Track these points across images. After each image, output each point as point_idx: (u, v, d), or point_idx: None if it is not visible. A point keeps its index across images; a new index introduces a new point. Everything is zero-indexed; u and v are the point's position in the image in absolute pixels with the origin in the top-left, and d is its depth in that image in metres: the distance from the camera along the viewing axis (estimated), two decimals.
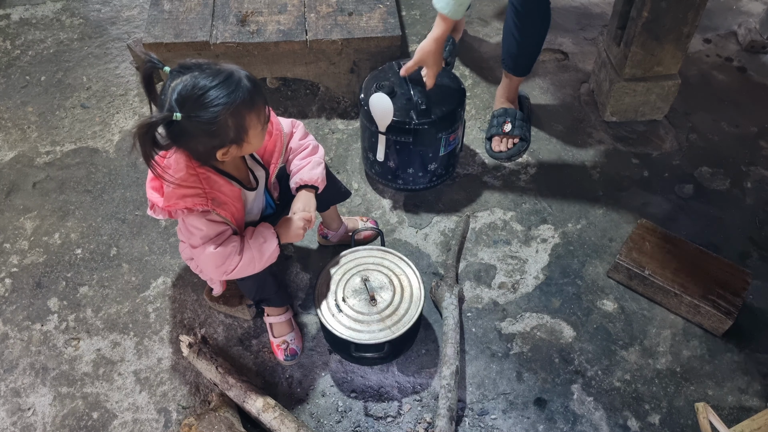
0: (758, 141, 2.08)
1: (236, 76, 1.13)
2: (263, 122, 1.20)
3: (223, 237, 1.27)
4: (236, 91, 1.12)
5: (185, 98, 1.10)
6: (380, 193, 1.94)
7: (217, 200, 1.23)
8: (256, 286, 1.46)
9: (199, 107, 1.10)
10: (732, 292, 1.59)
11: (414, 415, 1.49)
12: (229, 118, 1.12)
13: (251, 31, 1.94)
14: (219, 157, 1.18)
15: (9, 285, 1.74)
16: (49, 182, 1.98)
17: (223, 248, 1.25)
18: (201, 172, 1.23)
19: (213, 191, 1.23)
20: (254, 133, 1.19)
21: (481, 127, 2.11)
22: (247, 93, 1.13)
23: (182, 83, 1.10)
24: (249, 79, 1.15)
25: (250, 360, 1.59)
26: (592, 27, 2.47)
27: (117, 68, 2.33)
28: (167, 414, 1.50)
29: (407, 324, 1.44)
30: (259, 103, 1.17)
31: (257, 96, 1.16)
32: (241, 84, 1.13)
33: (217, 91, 1.10)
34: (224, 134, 1.14)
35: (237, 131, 1.15)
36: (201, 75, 1.11)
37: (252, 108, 1.15)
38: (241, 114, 1.13)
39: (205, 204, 1.21)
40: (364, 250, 1.59)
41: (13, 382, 1.56)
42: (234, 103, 1.11)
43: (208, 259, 1.26)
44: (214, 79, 1.11)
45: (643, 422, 1.48)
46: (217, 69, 1.13)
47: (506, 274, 1.75)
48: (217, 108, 1.10)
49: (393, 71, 1.78)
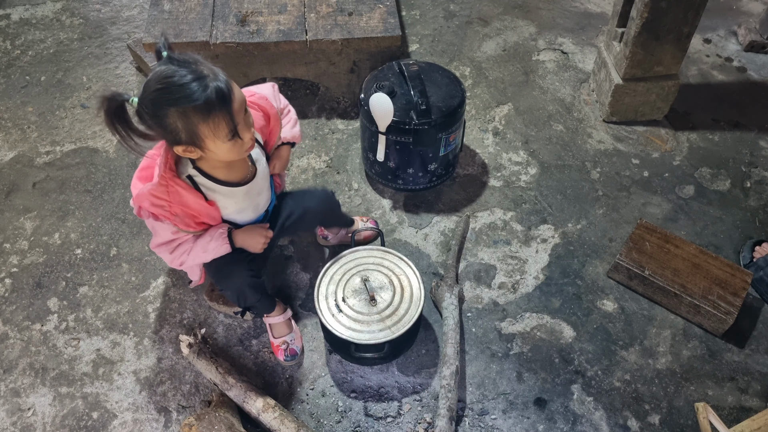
0: (758, 141, 2.08)
1: (202, 83, 1.07)
2: (224, 137, 1.12)
3: (177, 243, 1.33)
4: (188, 96, 1.06)
5: (145, 86, 1.09)
6: (380, 193, 1.94)
7: (180, 216, 1.27)
8: (236, 296, 1.47)
9: (150, 101, 1.08)
10: (732, 292, 1.59)
11: (414, 415, 1.49)
12: (177, 120, 1.09)
13: (251, 31, 1.94)
14: (179, 152, 1.17)
15: (9, 285, 1.74)
16: (49, 182, 1.98)
17: (175, 252, 1.34)
18: (171, 184, 1.23)
19: (178, 206, 1.25)
20: (213, 144, 1.13)
21: (481, 127, 2.11)
22: (202, 101, 1.07)
23: (154, 73, 1.09)
24: (217, 90, 1.08)
25: (250, 360, 1.59)
26: (592, 27, 2.47)
27: (117, 68, 2.33)
28: (167, 414, 1.50)
29: (407, 324, 1.43)
30: (217, 117, 1.09)
31: (216, 108, 1.08)
32: (201, 90, 1.06)
33: (169, 91, 1.07)
34: (174, 133, 1.12)
35: (188, 135, 1.12)
36: (173, 69, 1.08)
37: (206, 118, 1.09)
38: (190, 119, 1.09)
39: (167, 217, 1.26)
40: (364, 250, 1.59)
41: (13, 382, 1.56)
42: (180, 106, 1.07)
43: (160, 254, 1.37)
44: (179, 77, 1.07)
45: (643, 422, 1.48)
46: (191, 69, 1.08)
47: (506, 274, 1.75)
48: (161, 106, 1.08)
49: (393, 71, 1.78)
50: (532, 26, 2.47)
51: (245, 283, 1.42)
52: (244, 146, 1.19)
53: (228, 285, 1.43)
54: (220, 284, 1.45)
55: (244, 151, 1.21)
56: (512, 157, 2.03)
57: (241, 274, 1.41)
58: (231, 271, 1.40)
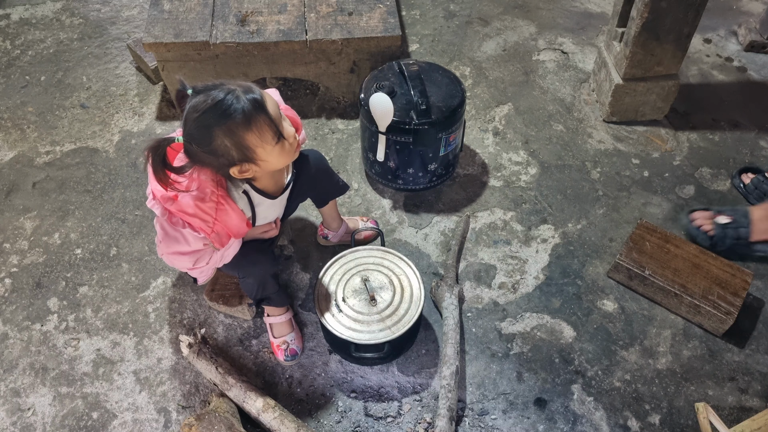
0: (758, 141, 2.07)
1: (234, 95, 1.11)
2: (270, 140, 1.16)
3: (202, 253, 1.33)
4: (227, 112, 1.10)
5: (185, 122, 1.12)
6: (380, 193, 1.94)
7: (219, 234, 1.26)
8: (257, 285, 1.47)
9: (193, 130, 1.12)
10: (732, 292, 1.59)
11: (414, 415, 1.49)
12: (224, 139, 1.12)
13: (251, 31, 1.94)
14: (236, 175, 1.19)
15: (9, 285, 1.74)
16: (49, 182, 1.98)
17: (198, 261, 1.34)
18: (221, 203, 1.23)
19: (221, 225, 1.25)
20: (264, 151, 1.16)
21: (482, 127, 2.11)
22: (240, 113, 1.10)
23: (188, 105, 1.12)
24: (250, 98, 1.12)
25: (250, 360, 1.59)
26: (592, 27, 2.47)
27: (117, 68, 2.33)
28: (167, 414, 1.50)
29: (407, 324, 1.43)
30: (259, 122, 1.13)
31: (256, 115, 1.12)
32: (234, 104, 1.10)
33: (209, 113, 1.10)
34: (226, 154, 1.14)
35: (239, 151, 1.14)
36: (203, 98, 1.11)
37: (249, 127, 1.12)
38: (236, 134, 1.12)
39: (205, 232, 1.24)
40: (364, 250, 1.59)
41: (13, 382, 1.56)
42: (224, 124, 1.10)
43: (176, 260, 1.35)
44: (211, 101, 1.10)
45: (643, 422, 1.48)
46: (219, 90, 1.11)
47: (506, 274, 1.75)
48: (208, 129, 1.11)
49: (393, 71, 1.78)
50: (532, 26, 2.47)
51: (269, 272, 1.46)
52: (292, 147, 1.22)
53: (252, 272, 1.44)
54: (243, 272, 1.44)
55: (294, 151, 1.24)
56: (512, 157, 2.03)
57: (267, 261, 1.44)
58: (257, 259, 1.42)
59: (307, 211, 1.88)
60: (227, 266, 1.42)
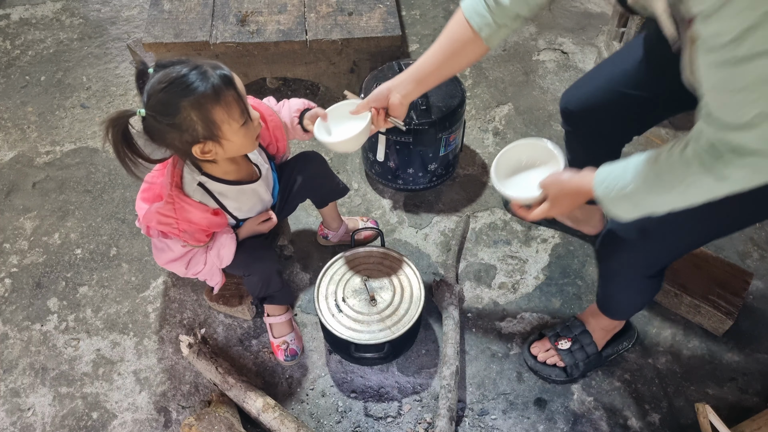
0: None
1: (201, 70, 1.10)
2: (238, 118, 1.15)
3: (191, 255, 1.36)
4: (196, 84, 1.09)
5: (150, 95, 1.10)
6: (380, 193, 1.94)
7: (188, 231, 1.29)
8: (261, 283, 1.47)
9: (160, 102, 1.09)
10: (732, 292, 1.59)
11: (414, 415, 1.49)
12: (191, 112, 1.10)
13: (251, 31, 1.94)
14: (198, 154, 1.17)
15: (9, 285, 1.74)
16: (49, 182, 1.98)
17: (190, 265, 1.38)
18: (177, 201, 1.25)
19: (185, 222, 1.27)
20: (230, 129, 1.15)
21: (482, 127, 2.11)
22: (210, 86, 1.10)
23: (151, 80, 1.11)
24: (219, 74, 1.11)
25: (250, 360, 1.59)
26: (592, 27, 2.47)
27: (117, 68, 2.33)
28: (167, 414, 1.50)
29: (407, 324, 1.43)
30: (228, 98, 1.12)
31: (225, 90, 1.11)
32: (205, 77, 1.10)
33: (176, 85, 1.09)
34: (191, 128, 1.12)
35: (206, 126, 1.13)
36: (169, 71, 1.10)
37: (217, 101, 1.11)
38: (204, 107, 1.10)
39: (176, 234, 1.29)
40: (364, 250, 1.59)
41: (13, 382, 1.56)
42: (192, 96, 1.09)
43: (173, 269, 1.39)
44: (178, 74, 1.09)
45: (643, 422, 1.48)
46: (185, 65, 1.11)
47: (506, 274, 1.75)
48: (175, 101, 1.09)
49: (393, 71, 1.78)
50: (532, 26, 2.47)
51: (274, 268, 1.46)
52: (256, 131, 1.22)
53: (257, 269, 1.44)
54: (248, 269, 1.44)
55: (256, 137, 1.24)
56: None
57: (272, 258, 1.45)
58: (262, 255, 1.43)
59: (307, 211, 1.88)
60: (232, 266, 1.42)
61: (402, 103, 1.27)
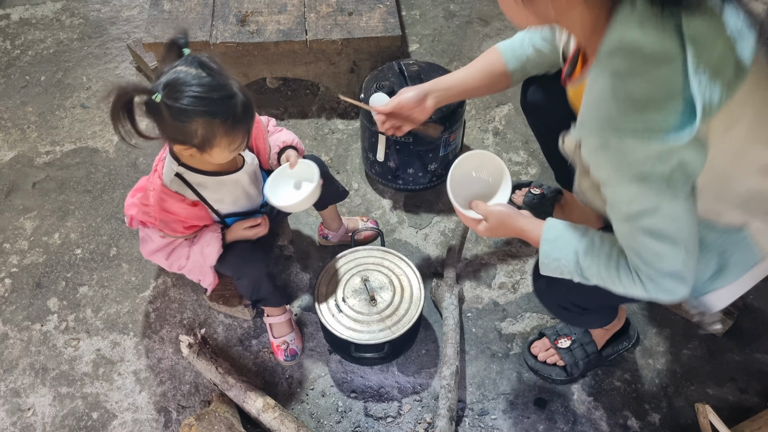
0: None
1: (231, 96, 1.12)
2: (232, 149, 1.19)
3: (172, 247, 1.38)
4: (220, 109, 1.11)
5: (174, 87, 1.10)
6: (380, 193, 1.94)
7: (165, 221, 1.31)
8: (251, 287, 1.46)
9: (179, 102, 1.09)
10: None
11: (414, 415, 1.49)
12: (199, 127, 1.12)
13: (251, 31, 1.94)
14: (177, 150, 1.21)
15: (9, 285, 1.74)
16: (49, 182, 1.98)
17: (171, 257, 1.39)
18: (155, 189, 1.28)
19: (160, 211, 1.29)
20: (219, 151, 1.18)
21: (482, 127, 2.11)
22: (229, 116, 1.12)
23: (183, 73, 1.11)
24: (244, 106, 1.14)
25: (250, 360, 1.59)
26: None
27: (117, 68, 2.33)
28: (167, 414, 1.50)
29: (407, 324, 1.44)
30: (237, 132, 1.15)
31: (239, 125, 1.15)
32: (229, 105, 1.12)
33: (203, 101, 1.09)
34: (189, 136, 1.14)
35: (202, 141, 1.15)
36: (203, 77, 1.11)
37: (227, 132, 1.14)
38: (212, 130, 1.13)
39: (152, 223, 1.33)
40: (364, 250, 1.59)
41: (13, 382, 1.56)
42: (208, 116, 1.11)
43: (155, 260, 1.43)
44: (211, 88, 1.10)
45: (643, 422, 1.48)
46: (220, 80, 1.12)
47: (506, 274, 1.75)
48: (192, 114, 1.10)
49: (393, 71, 1.78)
50: None
51: (264, 272, 1.44)
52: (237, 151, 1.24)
53: (247, 273, 1.43)
54: (238, 273, 1.44)
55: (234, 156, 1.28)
56: (512, 157, 2.03)
57: (260, 261, 1.43)
58: (250, 258, 1.41)
59: (306, 212, 1.88)
60: (222, 267, 1.42)
61: (433, 108, 1.38)
